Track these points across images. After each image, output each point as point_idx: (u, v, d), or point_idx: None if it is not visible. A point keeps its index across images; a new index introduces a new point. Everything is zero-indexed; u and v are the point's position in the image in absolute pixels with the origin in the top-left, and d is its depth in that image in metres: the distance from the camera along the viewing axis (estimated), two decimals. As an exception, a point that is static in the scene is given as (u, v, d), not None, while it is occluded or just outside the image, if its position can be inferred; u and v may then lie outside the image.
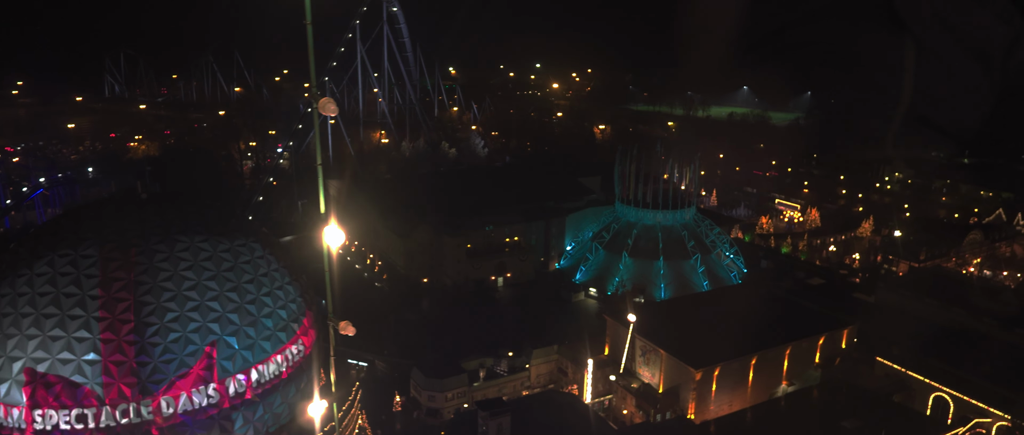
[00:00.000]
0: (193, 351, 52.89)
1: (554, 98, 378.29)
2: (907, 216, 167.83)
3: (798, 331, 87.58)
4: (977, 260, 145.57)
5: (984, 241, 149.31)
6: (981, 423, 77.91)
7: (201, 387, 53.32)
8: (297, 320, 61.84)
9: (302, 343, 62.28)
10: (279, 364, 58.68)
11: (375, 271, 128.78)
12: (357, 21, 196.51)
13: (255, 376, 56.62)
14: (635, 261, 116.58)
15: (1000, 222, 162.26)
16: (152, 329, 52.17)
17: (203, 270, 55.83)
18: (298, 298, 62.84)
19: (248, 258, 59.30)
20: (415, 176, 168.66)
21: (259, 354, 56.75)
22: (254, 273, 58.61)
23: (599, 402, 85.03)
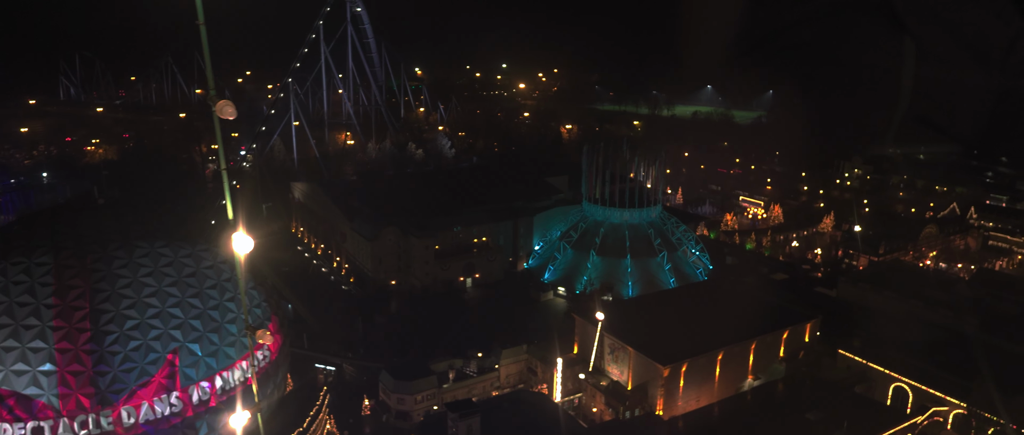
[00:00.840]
0: (154, 359, 51.85)
1: (521, 98, 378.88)
2: (866, 211, 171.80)
3: (763, 326, 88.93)
4: (933, 253, 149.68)
5: (939, 235, 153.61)
6: (939, 411, 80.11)
7: (163, 396, 52.30)
8: (262, 325, 60.93)
9: (268, 349, 61.44)
10: (244, 370, 57.86)
11: (342, 274, 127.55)
12: (320, 22, 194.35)
13: (219, 383, 55.76)
14: (603, 259, 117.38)
15: (954, 216, 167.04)
16: (111, 337, 51.00)
17: (164, 276, 54.78)
18: (263, 303, 62.03)
19: (210, 263, 58.38)
20: (382, 177, 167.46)
21: (223, 360, 55.94)
22: (216, 278, 57.70)
23: (569, 400, 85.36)
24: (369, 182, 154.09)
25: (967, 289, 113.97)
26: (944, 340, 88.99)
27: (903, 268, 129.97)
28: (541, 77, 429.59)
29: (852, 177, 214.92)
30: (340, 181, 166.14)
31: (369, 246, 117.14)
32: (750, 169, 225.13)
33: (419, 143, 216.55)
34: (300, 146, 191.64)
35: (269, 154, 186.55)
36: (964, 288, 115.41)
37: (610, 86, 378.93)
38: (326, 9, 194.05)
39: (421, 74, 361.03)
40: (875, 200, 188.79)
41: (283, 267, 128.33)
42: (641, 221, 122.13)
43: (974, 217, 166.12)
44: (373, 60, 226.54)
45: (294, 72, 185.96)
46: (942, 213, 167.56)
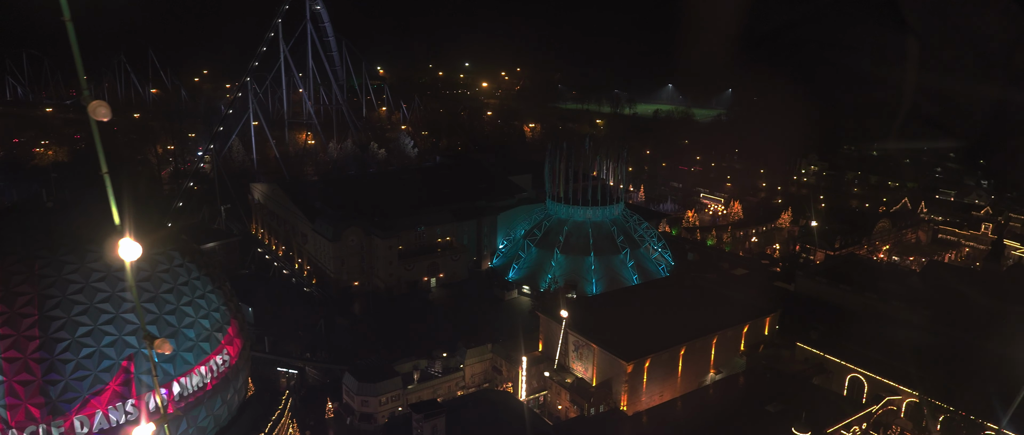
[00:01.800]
0: (108, 366, 50.49)
1: (484, 97, 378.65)
2: (822, 207, 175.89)
3: (724, 321, 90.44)
4: (886, 247, 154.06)
5: (892, 229, 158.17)
6: (892, 401, 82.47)
7: (118, 404, 50.97)
8: (221, 329, 59.92)
9: (227, 353, 60.37)
10: (203, 376, 56.70)
11: (304, 276, 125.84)
12: (279, 20, 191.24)
13: (177, 389, 54.53)
14: (566, 257, 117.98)
15: (906, 210, 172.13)
16: (62, 345, 49.52)
17: (117, 281, 53.33)
18: (222, 306, 60.88)
19: (166, 267, 57.07)
20: (344, 178, 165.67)
21: (181, 366, 54.71)
22: (173, 282, 56.45)
23: (534, 399, 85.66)
24: (331, 182, 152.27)
25: (918, 281, 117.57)
26: (897, 331, 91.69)
27: (858, 262, 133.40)
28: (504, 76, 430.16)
29: (809, 173, 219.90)
30: (301, 182, 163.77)
31: (331, 247, 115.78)
32: (710, 166, 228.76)
33: (381, 143, 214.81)
34: (259, 146, 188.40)
35: (227, 155, 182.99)
36: (916, 280, 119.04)
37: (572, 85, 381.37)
38: (285, 7, 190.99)
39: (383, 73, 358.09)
40: (831, 196, 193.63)
41: (243, 270, 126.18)
42: (604, 219, 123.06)
43: (925, 211, 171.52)
44: (333, 59, 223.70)
45: (252, 71, 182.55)
46: (894, 208, 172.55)
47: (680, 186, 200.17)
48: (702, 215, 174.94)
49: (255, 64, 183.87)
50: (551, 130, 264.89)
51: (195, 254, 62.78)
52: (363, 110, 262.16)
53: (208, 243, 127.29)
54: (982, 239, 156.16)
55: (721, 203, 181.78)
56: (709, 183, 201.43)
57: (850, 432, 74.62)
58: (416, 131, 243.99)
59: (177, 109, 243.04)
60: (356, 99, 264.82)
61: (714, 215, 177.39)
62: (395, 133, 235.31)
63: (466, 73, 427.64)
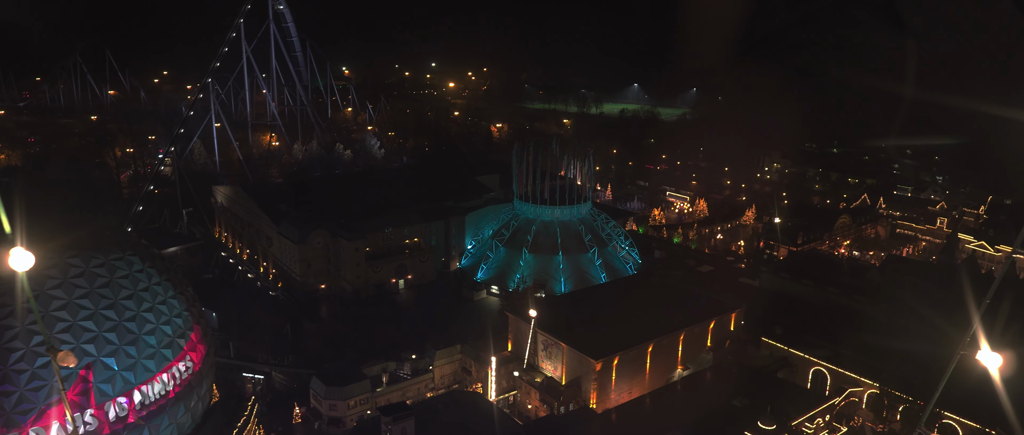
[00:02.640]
0: (66, 376, 49.11)
1: (451, 97, 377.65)
2: (785, 204, 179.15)
3: (691, 317, 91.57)
4: (847, 242, 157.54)
5: (852, 224, 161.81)
6: (854, 392, 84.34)
7: (76, 414, 49.62)
8: (184, 335, 58.80)
9: (190, 359, 59.25)
10: (165, 383, 55.56)
11: (270, 279, 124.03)
12: (241, 20, 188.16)
13: (139, 398, 53.34)
14: (535, 257, 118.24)
15: (865, 206, 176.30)
16: (16, 355, 48.07)
17: (74, 288, 52.01)
18: (184, 312, 59.74)
19: (126, 272, 55.75)
20: (309, 179, 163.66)
21: (142, 374, 53.51)
22: (133, 288, 55.19)
23: (504, 399, 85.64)
24: (296, 184, 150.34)
25: (877, 275, 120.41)
26: (858, 324, 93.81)
27: (820, 257, 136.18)
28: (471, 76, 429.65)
29: (772, 171, 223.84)
30: (265, 184, 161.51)
31: (297, 250, 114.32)
32: (676, 165, 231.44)
33: (347, 144, 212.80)
34: (222, 148, 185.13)
35: (189, 157, 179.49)
36: (875, 274, 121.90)
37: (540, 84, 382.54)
38: (247, 7, 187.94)
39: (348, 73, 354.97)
40: (793, 193, 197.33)
41: (206, 274, 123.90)
42: (571, 218, 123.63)
43: (883, 207, 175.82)
44: (297, 59, 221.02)
45: (214, 72, 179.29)
46: (854, 204, 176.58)
47: (646, 185, 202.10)
48: (668, 213, 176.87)
49: (217, 65, 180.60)
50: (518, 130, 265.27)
51: (155, 259, 61.45)
52: (328, 111, 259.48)
53: (170, 248, 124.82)
54: (938, 233, 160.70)
55: (687, 201, 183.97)
56: (675, 181, 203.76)
57: (814, 424, 76.06)
58: (382, 132, 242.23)
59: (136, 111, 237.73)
60: (321, 100, 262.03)
61: (680, 213, 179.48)
62: (361, 134, 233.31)
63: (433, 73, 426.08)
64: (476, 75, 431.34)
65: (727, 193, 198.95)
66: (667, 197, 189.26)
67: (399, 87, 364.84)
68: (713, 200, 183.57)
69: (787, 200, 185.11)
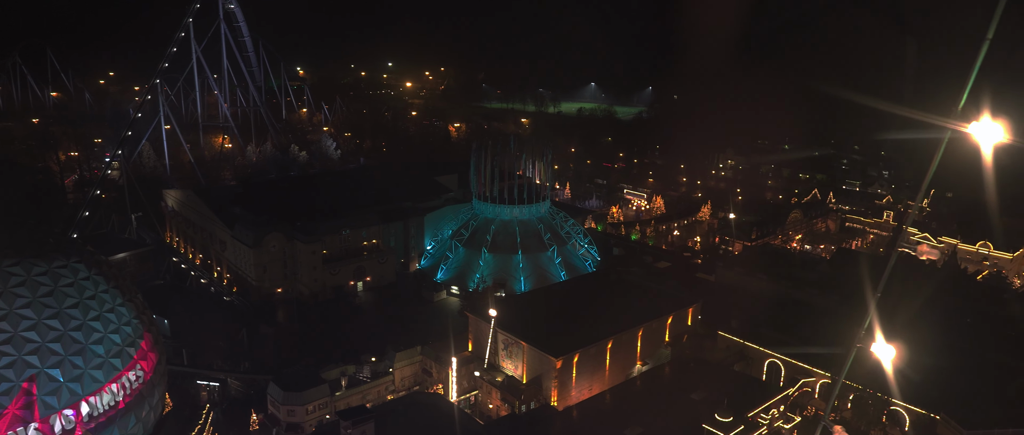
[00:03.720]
0: (7, 389, 47.34)
1: (408, 97, 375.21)
2: (739, 200, 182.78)
3: (649, 313, 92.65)
4: (798, 236, 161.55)
5: (803, 219, 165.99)
6: (807, 382, 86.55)
7: (20, 428, 47.84)
8: (133, 344, 57.19)
9: (141, 368, 57.67)
10: (114, 394, 53.95)
11: (224, 284, 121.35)
12: (189, 19, 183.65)
13: (86, 410, 51.69)
14: (494, 256, 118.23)
15: (816, 201, 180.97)
16: (-47, 369, 46.04)
17: (15, 297, 50.10)
18: (134, 320, 58.11)
19: (71, 280, 53.94)
20: (264, 182, 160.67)
21: (89, 385, 51.85)
22: (78, 297, 53.43)
23: (465, 399, 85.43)
24: (250, 187, 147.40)
25: (828, 268, 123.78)
26: (810, 316, 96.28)
27: (773, 251, 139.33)
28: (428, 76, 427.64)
29: (726, 168, 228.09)
30: (218, 187, 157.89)
31: (252, 254, 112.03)
32: (633, 163, 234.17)
33: (302, 145, 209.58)
34: (172, 151, 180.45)
35: (137, 161, 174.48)
36: (825, 267, 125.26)
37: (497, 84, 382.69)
38: (196, 6, 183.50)
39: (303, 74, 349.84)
40: (747, 189, 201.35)
41: (157, 280, 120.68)
42: (530, 217, 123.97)
43: (833, 202, 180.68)
44: (250, 59, 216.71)
45: (162, 72, 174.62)
46: (805, 199, 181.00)
47: (604, 183, 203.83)
48: (626, 211, 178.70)
49: (165, 65, 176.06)
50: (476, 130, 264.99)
51: (102, 266, 59.56)
52: (283, 112, 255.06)
53: (118, 254, 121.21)
54: (884, 226, 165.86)
55: (644, 198, 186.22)
56: (632, 179, 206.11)
57: (769, 415, 77.76)
58: (338, 133, 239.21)
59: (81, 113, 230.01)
60: (275, 100, 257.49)
61: (638, 210, 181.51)
62: (317, 135, 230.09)
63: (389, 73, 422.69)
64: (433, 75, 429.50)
65: (683, 190, 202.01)
66: (625, 195, 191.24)
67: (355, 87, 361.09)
68: (670, 197, 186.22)
69: (741, 196, 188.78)
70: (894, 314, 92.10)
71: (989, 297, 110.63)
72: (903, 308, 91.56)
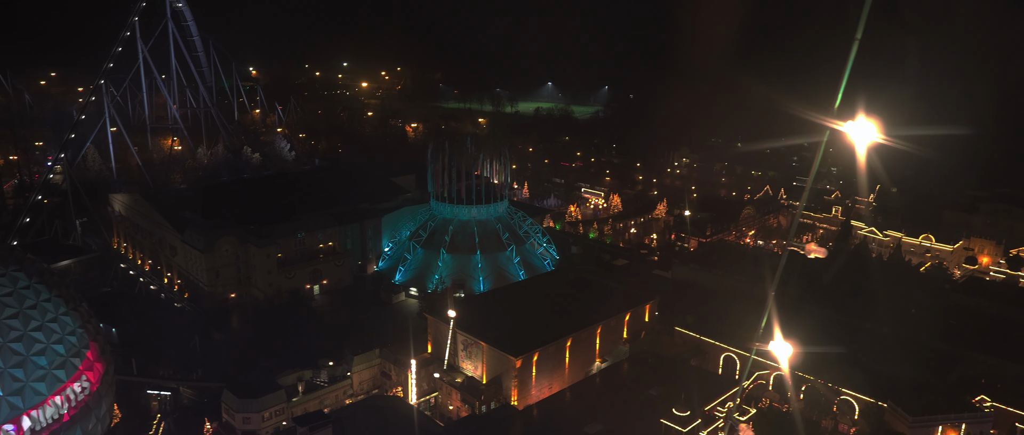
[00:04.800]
0: (-59, 405, 45.22)
1: (364, 97, 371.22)
2: (695, 197, 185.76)
3: (607, 310, 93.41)
4: (752, 232, 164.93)
5: (756, 215, 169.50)
6: (762, 375, 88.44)
7: (-44, 445, 45.72)
8: (78, 354, 55.33)
9: (87, 379, 55.85)
10: (58, 406, 52.10)
11: (175, 290, 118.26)
12: (135, 18, 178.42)
13: (28, 423, 49.78)
14: (453, 257, 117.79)
15: (768, 197, 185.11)
16: None
17: (-51, 309, 47.87)
18: (78, 329, 56.20)
19: (10, 290, 51.93)
20: (215, 185, 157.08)
21: (31, 398, 49.97)
22: (19, 307, 51.44)
23: (425, 401, 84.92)
24: (201, 190, 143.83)
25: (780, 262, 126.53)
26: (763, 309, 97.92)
27: (727, 247, 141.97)
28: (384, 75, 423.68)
29: (681, 166, 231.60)
30: (168, 190, 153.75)
31: (203, 258, 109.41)
32: (590, 162, 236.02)
33: (256, 147, 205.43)
34: (119, 154, 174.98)
35: (82, 164, 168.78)
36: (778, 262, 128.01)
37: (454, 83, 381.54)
38: (141, 4, 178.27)
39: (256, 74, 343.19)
40: (701, 186, 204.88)
41: (104, 287, 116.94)
42: (489, 217, 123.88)
43: (784, 198, 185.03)
44: (199, 59, 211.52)
45: (107, 73, 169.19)
46: (758, 196, 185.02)
47: (562, 182, 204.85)
48: (584, 209, 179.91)
49: (109, 65, 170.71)
50: (433, 129, 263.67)
51: (44, 274, 57.40)
52: (235, 113, 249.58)
53: (61, 261, 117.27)
54: (833, 221, 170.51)
55: (601, 197, 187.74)
56: (589, 178, 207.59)
57: (726, 408, 79.20)
58: (293, 134, 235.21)
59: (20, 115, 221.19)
60: (227, 101, 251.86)
61: (595, 209, 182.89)
62: (270, 136, 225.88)
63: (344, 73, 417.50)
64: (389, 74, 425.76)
65: (639, 188, 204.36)
66: (582, 193, 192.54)
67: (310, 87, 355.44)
68: (626, 195, 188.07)
69: (696, 193, 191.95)
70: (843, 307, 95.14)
71: (932, 287, 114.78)
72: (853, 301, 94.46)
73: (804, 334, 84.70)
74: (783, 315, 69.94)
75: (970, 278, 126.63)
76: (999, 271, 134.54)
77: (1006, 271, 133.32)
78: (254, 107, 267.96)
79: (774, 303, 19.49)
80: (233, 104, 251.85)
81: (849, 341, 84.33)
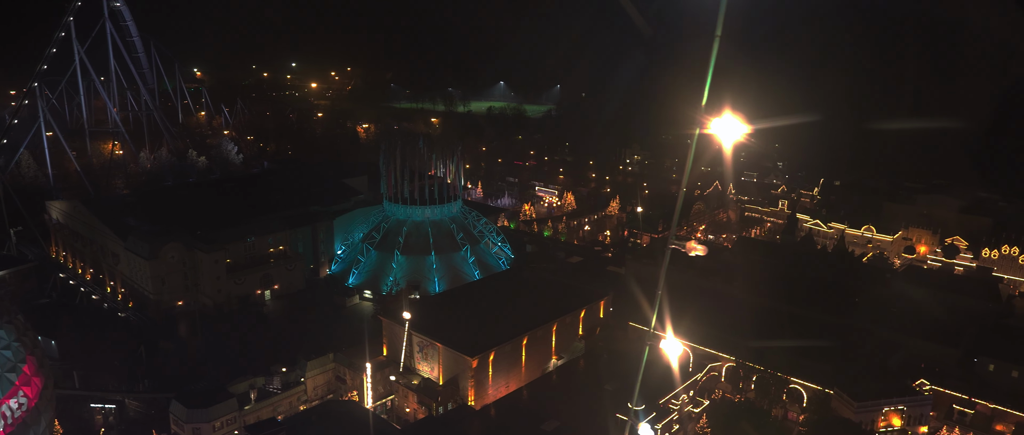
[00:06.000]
0: None
1: (314, 98, 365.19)
2: (646, 193, 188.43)
3: (562, 308, 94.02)
4: (702, 226, 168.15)
5: (706, 210, 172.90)
6: (714, 367, 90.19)
7: None
8: (14, 369, 53.07)
9: (24, 394, 53.63)
10: (-8, 424, 49.80)
11: (119, 299, 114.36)
12: (70, 18, 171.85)
13: (-41, 444, 47.41)
14: (408, 258, 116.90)
15: (717, 192, 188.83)
16: None
17: None
18: (13, 343, 53.91)
19: (-63, 304, 49.34)
20: (160, 190, 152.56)
21: (-37, 416, 47.61)
22: (-53, 321, 48.96)
23: (381, 404, 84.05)
24: (145, 196, 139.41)
25: (731, 256, 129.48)
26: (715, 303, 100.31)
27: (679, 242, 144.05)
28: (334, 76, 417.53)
29: (633, 163, 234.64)
30: (109, 197, 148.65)
31: (148, 266, 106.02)
32: (544, 160, 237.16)
33: (201, 150, 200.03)
34: (56, 160, 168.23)
35: (16, 170, 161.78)
36: (728, 256, 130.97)
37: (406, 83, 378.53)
38: (77, 4, 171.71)
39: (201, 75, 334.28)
40: (652, 183, 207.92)
41: (42, 298, 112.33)
42: (443, 217, 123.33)
43: (733, 192, 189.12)
44: (140, 61, 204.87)
45: (41, 75, 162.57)
46: (708, 191, 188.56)
47: (516, 181, 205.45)
48: (538, 208, 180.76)
49: (43, 67, 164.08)
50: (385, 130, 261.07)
51: (-25, 286, 54.85)
52: (179, 115, 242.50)
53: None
54: (780, 214, 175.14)
55: (555, 195, 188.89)
56: (543, 176, 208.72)
57: (680, 401, 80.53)
58: (240, 136, 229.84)
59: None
60: (170, 104, 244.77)
61: (549, 207, 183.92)
62: (217, 139, 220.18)
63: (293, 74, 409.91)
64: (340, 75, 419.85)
65: (593, 186, 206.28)
66: (536, 192, 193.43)
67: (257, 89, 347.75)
68: (580, 193, 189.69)
69: (647, 190, 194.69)
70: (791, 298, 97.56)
71: (873, 277, 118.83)
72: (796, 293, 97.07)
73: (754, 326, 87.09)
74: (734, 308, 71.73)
75: (909, 267, 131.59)
76: (935, 259, 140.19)
77: (941, 259, 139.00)
78: (199, 109, 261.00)
79: (665, 298, 19.83)
80: (177, 106, 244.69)
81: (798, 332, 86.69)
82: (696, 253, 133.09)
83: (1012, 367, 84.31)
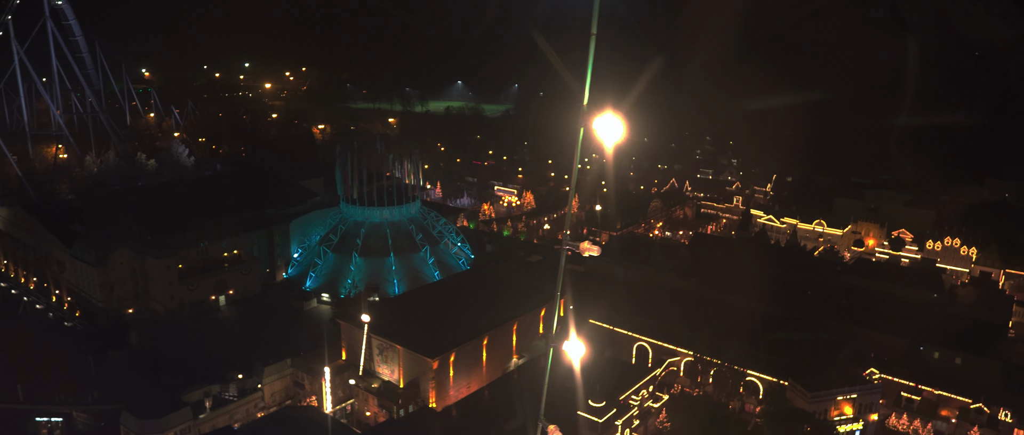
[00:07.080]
0: None
1: (268, 99, 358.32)
2: (605, 191, 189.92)
3: (522, 307, 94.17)
4: (659, 224, 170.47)
5: (663, 207, 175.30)
6: (673, 362, 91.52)
7: None
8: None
9: (-38, 411, 51.17)
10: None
11: (65, 309, 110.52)
12: (9, 17, 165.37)
13: None
14: (366, 260, 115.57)
15: (673, 190, 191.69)
16: None
17: None
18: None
19: None
20: (107, 194, 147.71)
21: None
22: None
23: (341, 409, 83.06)
24: (91, 200, 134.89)
25: (688, 253, 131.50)
26: (672, 298, 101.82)
27: (637, 239, 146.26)
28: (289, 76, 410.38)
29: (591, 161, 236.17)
30: (53, 202, 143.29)
31: (96, 273, 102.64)
32: (503, 159, 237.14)
33: (151, 153, 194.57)
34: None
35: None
36: (685, 252, 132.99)
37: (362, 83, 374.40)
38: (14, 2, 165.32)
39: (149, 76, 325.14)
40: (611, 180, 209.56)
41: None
42: (401, 218, 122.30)
43: (689, 190, 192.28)
44: (84, 61, 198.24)
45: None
46: (664, 188, 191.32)
47: (475, 181, 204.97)
48: (498, 207, 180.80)
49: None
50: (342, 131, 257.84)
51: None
52: (127, 117, 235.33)
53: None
54: (735, 210, 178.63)
55: (514, 194, 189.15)
56: (502, 176, 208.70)
57: (639, 396, 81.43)
58: (192, 138, 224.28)
59: None
60: (117, 105, 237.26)
61: (509, 206, 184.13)
62: (167, 141, 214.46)
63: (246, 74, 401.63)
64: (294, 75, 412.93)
65: (552, 184, 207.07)
66: (495, 192, 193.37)
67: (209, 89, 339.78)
68: (539, 192, 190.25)
69: (606, 188, 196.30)
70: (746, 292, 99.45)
71: (824, 270, 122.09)
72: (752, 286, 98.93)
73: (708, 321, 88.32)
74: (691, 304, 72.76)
75: (858, 260, 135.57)
76: (883, 252, 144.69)
77: (889, 251, 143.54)
78: (148, 111, 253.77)
79: (565, 306, 19.92)
80: (124, 108, 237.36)
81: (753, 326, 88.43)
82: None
83: (955, 354, 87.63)
